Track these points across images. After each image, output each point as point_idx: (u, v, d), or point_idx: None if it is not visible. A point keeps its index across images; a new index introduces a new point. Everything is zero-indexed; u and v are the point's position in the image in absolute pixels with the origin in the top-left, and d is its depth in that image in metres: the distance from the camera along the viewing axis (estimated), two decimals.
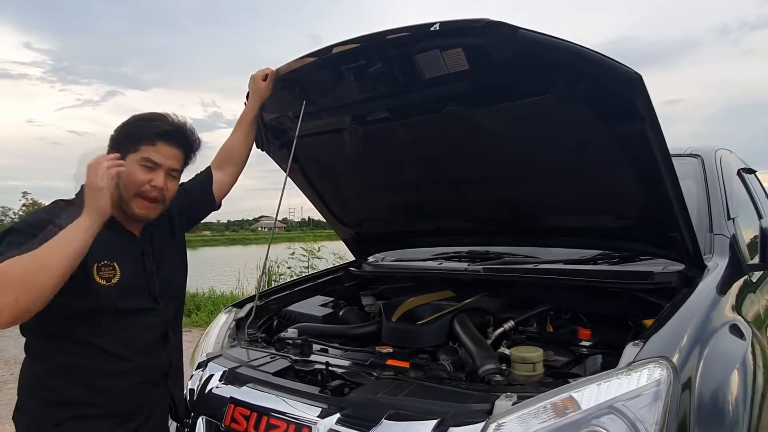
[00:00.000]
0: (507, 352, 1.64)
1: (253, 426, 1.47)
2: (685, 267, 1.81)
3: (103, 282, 1.41)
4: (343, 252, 2.96)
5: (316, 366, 1.67)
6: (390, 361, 1.69)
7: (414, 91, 1.68)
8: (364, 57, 1.63)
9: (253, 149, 1.98)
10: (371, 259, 2.85)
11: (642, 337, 1.31)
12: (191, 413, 1.69)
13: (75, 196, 1.51)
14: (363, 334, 2.08)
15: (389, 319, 1.99)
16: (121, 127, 1.53)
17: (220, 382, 1.68)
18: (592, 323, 1.95)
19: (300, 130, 1.94)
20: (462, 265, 2.44)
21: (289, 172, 2.09)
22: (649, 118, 1.41)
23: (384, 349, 1.80)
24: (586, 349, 1.71)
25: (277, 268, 8.74)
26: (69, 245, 1.29)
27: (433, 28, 1.42)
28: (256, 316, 2.17)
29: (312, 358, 1.76)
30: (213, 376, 1.72)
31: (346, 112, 1.94)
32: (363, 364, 1.71)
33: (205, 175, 1.83)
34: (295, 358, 1.75)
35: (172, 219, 1.69)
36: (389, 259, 2.87)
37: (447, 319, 1.91)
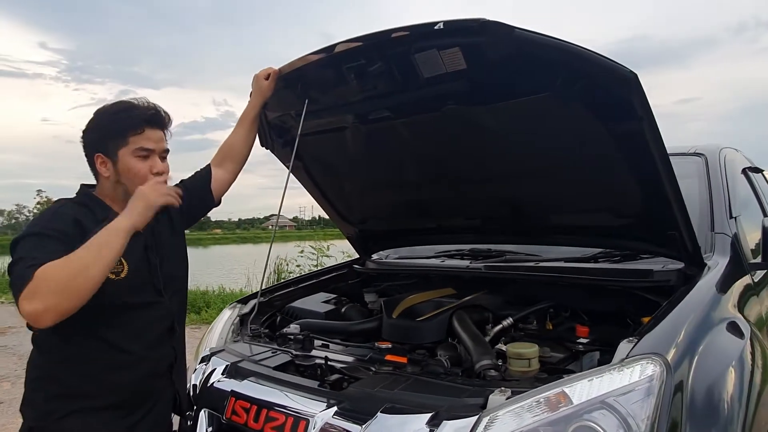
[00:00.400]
0: (504, 348, 1.65)
1: (253, 419, 1.49)
2: (685, 265, 1.80)
3: (113, 276, 1.43)
4: (353, 250, 2.98)
5: (316, 361, 1.69)
6: (389, 357, 1.70)
7: (413, 90, 1.70)
8: (364, 56, 1.64)
9: (258, 148, 2.00)
10: (375, 257, 2.87)
11: (637, 333, 1.31)
12: (194, 406, 1.72)
13: (76, 194, 1.54)
14: (364, 330, 2.09)
15: (390, 315, 2.01)
16: (99, 124, 1.51)
17: (222, 375, 1.71)
18: (591, 321, 1.95)
19: (302, 128, 1.96)
20: (464, 262, 2.44)
21: (293, 171, 2.11)
22: (646, 117, 1.41)
23: (383, 345, 1.81)
24: (582, 346, 1.72)
25: (287, 266, 8.80)
26: (110, 251, 1.32)
27: (437, 27, 1.43)
28: (259, 312, 2.20)
29: (313, 353, 1.78)
30: (215, 370, 1.75)
31: (347, 111, 1.96)
32: (362, 359, 1.73)
33: (204, 172, 1.85)
34: (296, 353, 1.77)
35: (171, 215, 1.71)
36: (393, 257, 2.88)
37: (446, 316, 1.92)
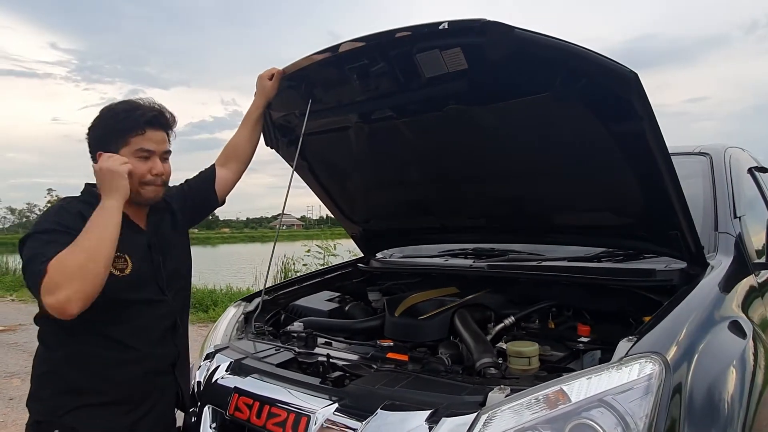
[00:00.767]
0: (505, 346, 1.66)
1: (255, 415, 1.51)
2: (688, 265, 1.80)
3: (117, 273, 1.45)
4: (359, 250, 3.00)
5: (319, 358, 1.71)
6: (390, 355, 1.72)
7: (415, 90, 1.70)
8: (367, 56, 1.65)
9: (266, 148, 2.02)
10: (379, 256, 2.88)
11: (637, 332, 1.32)
12: (198, 402, 1.74)
13: (81, 193, 1.56)
14: (367, 329, 2.11)
15: (392, 313, 2.02)
16: (102, 123, 1.54)
17: (226, 372, 1.73)
18: (594, 320, 1.96)
19: (306, 128, 1.97)
20: (467, 261, 2.45)
21: (297, 170, 2.12)
22: (647, 116, 1.41)
23: (385, 343, 1.83)
24: (583, 345, 1.72)
25: (294, 265, 8.84)
26: (107, 229, 1.36)
27: (442, 27, 1.44)
28: (264, 309, 2.22)
29: (316, 350, 1.80)
30: (220, 366, 1.77)
31: (350, 111, 1.97)
32: (364, 356, 1.75)
33: (208, 172, 1.87)
34: (299, 350, 1.78)
35: (174, 214, 1.73)
36: (397, 256, 2.89)
37: (448, 315, 1.93)
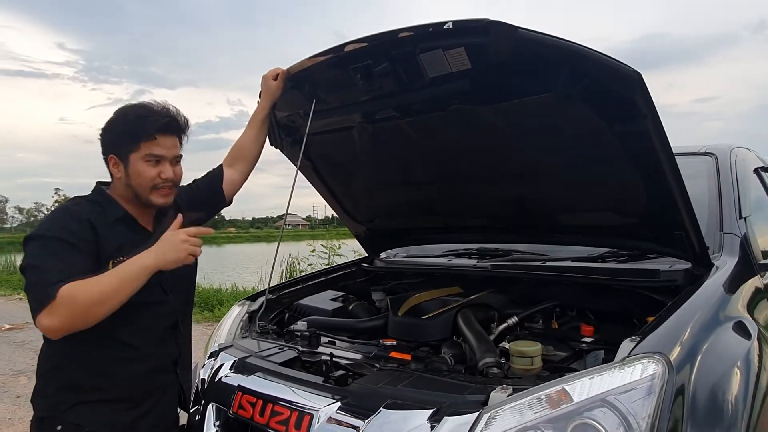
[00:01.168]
0: (508, 346, 1.66)
1: (258, 413, 1.52)
2: (692, 265, 1.79)
3: None
4: (363, 249, 3.00)
5: (322, 357, 1.71)
6: (393, 354, 1.72)
7: (419, 89, 1.71)
8: (371, 57, 1.66)
9: (271, 148, 2.03)
10: (383, 255, 2.89)
11: (640, 332, 1.31)
12: (202, 400, 1.75)
13: (91, 192, 1.58)
14: (370, 328, 2.11)
15: (395, 313, 2.02)
16: (114, 126, 1.54)
17: (229, 371, 1.74)
18: (597, 321, 1.95)
19: (310, 127, 1.98)
20: (471, 261, 2.44)
21: (302, 169, 2.12)
22: (651, 116, 1.41)
23: (388, 342, 1.82)
24: (586, 345, 1.72)
25: (299, 265, 8.86)
26: (131, 285, 1.39)
27: (446, 27, 1.45)
28: (268, 309, 2.22)
29: (319, 350, 1.80)
30: (223, 365, 1.78)
31: (354, 111, 1.97)
32: (367, 355, 1.75)
33: (216, 171, 1.88)
34: (303, 349, 1.79)
35: (182, 213, 1.72)
36: (401, 255, 2.89)
37: (451, 314, 1.93)
